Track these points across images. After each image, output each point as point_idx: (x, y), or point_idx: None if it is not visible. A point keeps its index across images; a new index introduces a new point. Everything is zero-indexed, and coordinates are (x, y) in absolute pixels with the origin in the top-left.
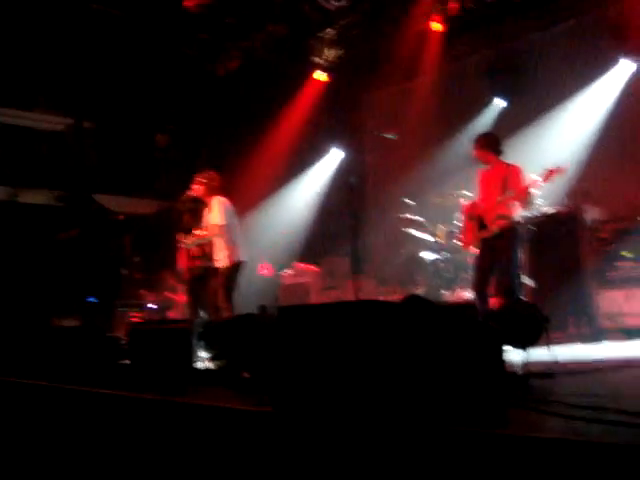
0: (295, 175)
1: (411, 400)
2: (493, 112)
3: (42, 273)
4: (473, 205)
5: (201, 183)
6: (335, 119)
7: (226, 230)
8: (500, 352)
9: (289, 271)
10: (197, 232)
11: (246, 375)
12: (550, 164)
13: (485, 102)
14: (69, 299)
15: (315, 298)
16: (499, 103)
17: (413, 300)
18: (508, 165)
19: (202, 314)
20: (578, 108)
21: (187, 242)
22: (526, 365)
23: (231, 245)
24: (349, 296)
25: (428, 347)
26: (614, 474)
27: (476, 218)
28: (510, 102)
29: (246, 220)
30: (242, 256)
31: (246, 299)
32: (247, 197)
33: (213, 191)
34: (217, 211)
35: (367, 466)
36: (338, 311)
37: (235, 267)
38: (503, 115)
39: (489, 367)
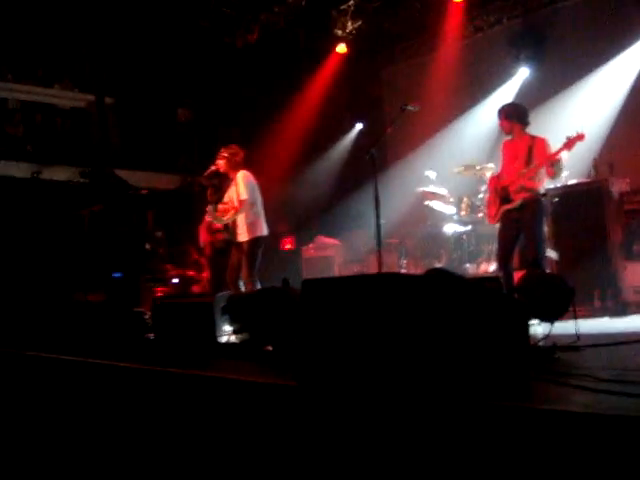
0: (317, 148)
1: (435, 374)
2: (517, 82)
3: (66, 249)
4: (497, 177)
5: (224, 157)
6: (356, 92)
7: (249, 204)
8: (525, 325)
9: (312, 245)
10: (221, 207)
11: (269, 348)
12: (572, 133)
13: (509, 72)
14: (94, 274)
15: (338, 271)
16: (523, 73)
17: (436, 273)
18: (533, 136)
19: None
20: (604, 79)
21: (215, 217)
22: (551, 338)
23: (253, 219)
24: (372, 269)
25: (451, 320)
26: (630, 445)
27: (500, 190)
28: (534, 72)
29: (270, 194)
30: (264, 230)
31: (270, 273)
32: (270, 171)
33: (237, 165)
34: (241, 185)
35: (390, 440)
36: (361, 284)
37: (257, 241)
38: (527, 85)
39: (514, 340)
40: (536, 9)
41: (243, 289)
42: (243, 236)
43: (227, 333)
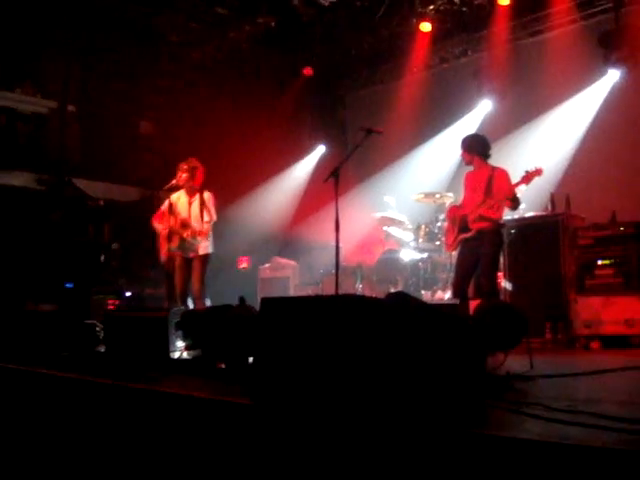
0: (278, 170)
1: (391, 396)
2: (480, 114)
3: (19, 256)
4: (457, 207)
5: (186, 170)
6: (319, 115)
7: (212, 224)
8: (482, 352)
9: (268, 265)
10: (179, 224)
11: (222, 366)
12: (531, 167)
13: (472, 104)
14: (46, 284)
15: (293, 293)
16: (486, 106)
17: (397, 297)
18: (494, 168)
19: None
20: (564, 114)
21: (172, 245)
22: (505, 367)
23: (209, 237)
24: (327, 291)
25: (411, 344)
26: (590, 476)
27: (459, 219)
28: (497, 105)
29: (229, 212)
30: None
31: (225, 291)
32: (231, 188)
33: (198, 179)
34: (211, 207)
35: (344, 461)
36: (323, 304)
37: (209, 258)
38: (490, 118)
39: (470, 367)
40: (500, 45)
41: (191, 305)
42: (202, 250)
43: (180, 349)
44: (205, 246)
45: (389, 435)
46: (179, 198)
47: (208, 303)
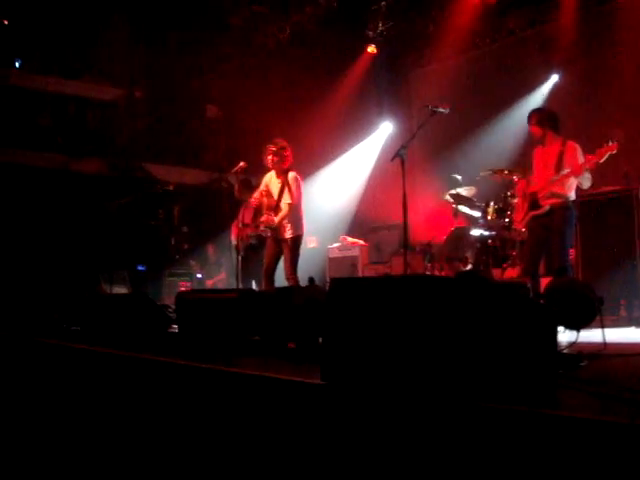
0: (345, 148)
1: (462, 377)
2: (547, 88)
3: (94, 241)
4: (527, 183)
5: (273, 152)
6: (386, 93)
7: (296, 205)
8: (552, 332)
9: (337, 245)
10: (264, 217)
11: (292, 346)
12: (604, 141)
13: (541, 77)
14: (119, 267)
15: (362, 272)
16: (554, 79)
17: (467, 276)
18: (564, 141)
19: (252, 284)
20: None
21: (263, 224)
22: (577, 346)
23: (298, 218)
24: (396, 271)
25: (480, 324)
26: None
27: (529, 196)
28: (565, 78)
29: None
30: (304, 228)
31: None
32: (296, 170)
33: (286, 160)
34: (293, 189)
35: (415, 441)
36: (392, 284)
37: (299, 239)
38: (558, 91)
39: (541, 346)
40: (568, 14)
41: (275, 284)
42: (288, 233)
43: (252, 329)
44: (292, 227)
45: (457, 415)
46: (271, 179)
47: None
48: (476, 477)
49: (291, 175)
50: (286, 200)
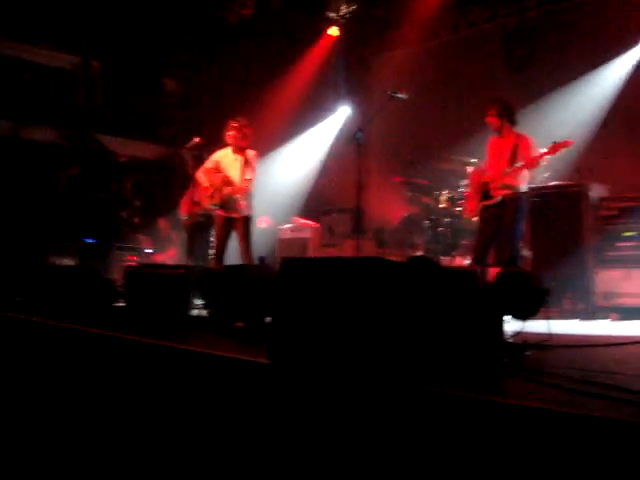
0: (301, 130)
1: (408, 360)
2: (504, 81)
3: (41, 211)
4: (479, 172)
5: (235, 129)
6: (345, 76)
7: (253, 184)
8: (499, 320)
9: (288, 225)
10: (220, 182)
11: (240, 325)
12: (558, 137)
13: (498, 70)
14: (67, 239)
15: (313, 254)
16: (511, 72)
17: (419, 261)
18: (519, 135)
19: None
20: (591, 83)
21: (213, 202)
22: (522, 336)
23: (251, 197)
24: (348, 254)
25: (429, 309)
26: (606, 447)
27: (481, 186)
28: (523, 72)
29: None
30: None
31: None
32: (253, 148)
33: (246, 138)
34: (252, 166)
35: (359, 424)
36: (345, 266)
37: (252, 218)
38: (515, 85)
39: (487, 334)
40: (530, 9)
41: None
42: (244, 211)
43: (198, 307)
44: (247, 205)
45: (401, 398)
46: (226, 155)
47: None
48: (417, 461)
49: (251, 153)
50: (247, 176)
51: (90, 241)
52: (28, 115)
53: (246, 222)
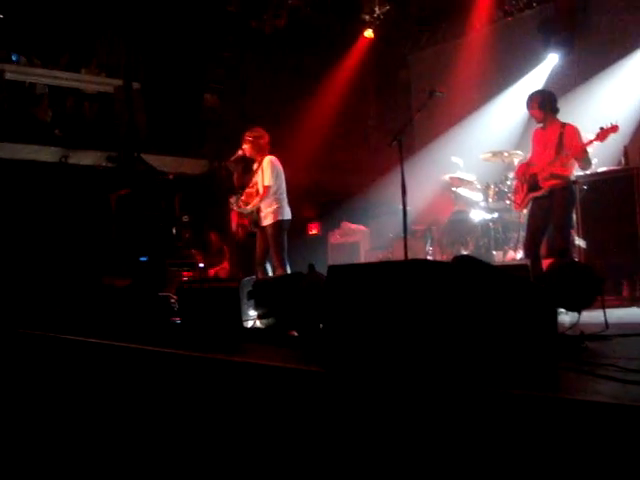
0: (344, 133)
1: (463, 362)
2: (546, 68)
3: (94, 233)
4: (526, 165)
5: (249, 141)
6: (383, 77)
7: (273, 190)
8: (553, 313)
9: (338, 230)
10: (244, 197)
11: (294, 334)
12: (604, 123)
13: (538, 58)
14: (121, 258)
15: (364, 258)
16: (552, 59)
17: (464, 260)
18: (564, 124)
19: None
20: (634, 65)
21: (238, 207)
22: (579, 327)
23: (277, 204)
24: (398, 256)
25: (479, 308)
26: None
27: (529, 178)
28: (564, 58)
29: (297, 179)
30: (287, 214)
31: (296, 258)
32: (297, 155)
33: (262, 149)
34: (267, 171)
35: (416, 428)
36: (389, 270)
37: (280, 224)
38: (556, 72)
39: (541, 329)
40: None
41: (270, 273)
42: (267, 220)
43: (252, 318)
44: (269, 214)
45: (461, 402)
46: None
47: (289, 271)
48: (480, 462)
49: (267, 159)
50: (266, 183)
51: (144, 259)
52: (75, 140)
53: (272, 230)
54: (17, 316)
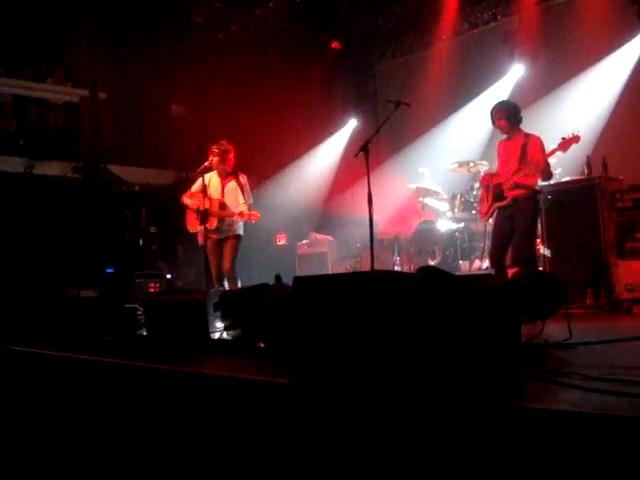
0: (312, 145)
1: (426, 372)
2: (511, 79)
3: (59, 244)
4: (491, 175)
5: (216, 154)
6: (350, 88)
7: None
8: (517, 322)
9: (306, 241)
10: (221, 211)
11: (261, 345)
12: (567, 133)
13: (503, 70)
14: (87, 270)
15: (331, 268)
16: (517, 70)
17: (428, 271)
18: (527, 134)
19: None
20: (597, 76)
21: (209, 227)
22: (543, 336)
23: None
24: (365, 266)
25: (443, 318)
26: (629, 447)
27: (494, 188)
28: (528, 70)
29: (264, 190)
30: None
31: (263, 269)
32: (264, 167)
33: (229, 161)
34: (248, 190)
35: (382, 438)
36: (353, 281)
37: (241, 239)
38: (521, 83)
39: (506, 338)
40: (529, 7)
41: (227, 286)
42: (238, 231)
43: (219, 329)
44: (240, 227)
45: (424, 411)
46: (211, 179)
47: (239, 284)
48: (444, 472)
49: (243, 178)
50: (241, 201)
51: (110, 271)
52: (40, 151)
53: (236, 241)
54: None
